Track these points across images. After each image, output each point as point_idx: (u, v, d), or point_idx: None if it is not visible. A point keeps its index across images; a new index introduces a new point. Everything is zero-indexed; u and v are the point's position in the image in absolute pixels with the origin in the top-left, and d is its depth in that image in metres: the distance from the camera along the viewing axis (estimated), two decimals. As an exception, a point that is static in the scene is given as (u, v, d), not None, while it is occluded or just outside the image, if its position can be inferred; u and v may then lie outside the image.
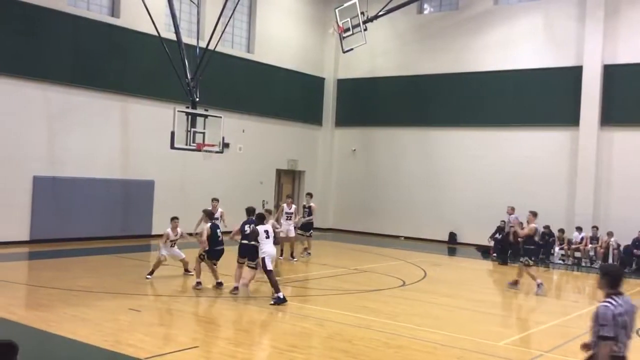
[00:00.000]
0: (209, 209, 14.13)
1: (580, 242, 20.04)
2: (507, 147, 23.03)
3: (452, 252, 22.85)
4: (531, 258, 14.39)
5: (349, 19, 22.97)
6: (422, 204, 24.78)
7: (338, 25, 23.16)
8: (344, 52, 23.97)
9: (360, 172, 26.74)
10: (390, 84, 25.85)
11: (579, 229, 20.25)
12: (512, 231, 18.09)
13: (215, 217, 14.13)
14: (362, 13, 22.73)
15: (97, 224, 18.90)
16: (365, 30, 23.03)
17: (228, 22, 20.06)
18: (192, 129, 17.64)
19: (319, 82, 27.37)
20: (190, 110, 17.91)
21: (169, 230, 13.45)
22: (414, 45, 25.45)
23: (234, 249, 12.64)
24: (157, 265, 13.28)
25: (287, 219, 17.13)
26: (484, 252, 21.12)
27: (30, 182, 17.59)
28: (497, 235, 20.88)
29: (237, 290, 12.02)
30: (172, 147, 17.27)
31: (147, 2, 17.64)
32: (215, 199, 15.62)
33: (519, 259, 14.91)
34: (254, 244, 11.60)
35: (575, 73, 21.55)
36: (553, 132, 22.25)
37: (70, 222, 18.34)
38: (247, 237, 11.91)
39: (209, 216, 13.26)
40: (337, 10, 23.25)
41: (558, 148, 22.04)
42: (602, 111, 21.13)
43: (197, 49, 18.82)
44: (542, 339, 10.19)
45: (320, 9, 26.92)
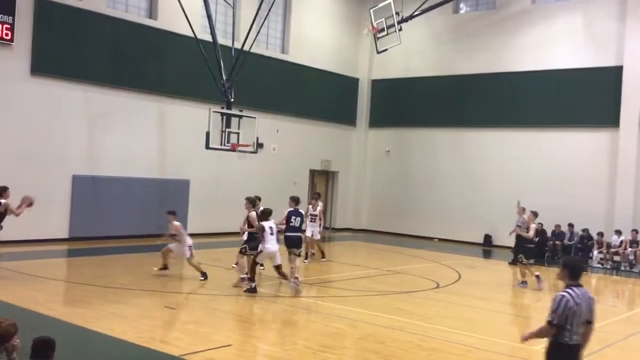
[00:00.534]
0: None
1: (619, 246, 19.60)
2: (544, 148, 22.65)
3: (487, 254, 22.58)
4: (528, 257, 14.88)
5: (383, 19, 22.90)
6: (456, 206, 24.54)
7: (372, 26, 23.11)
8: (379, 53, 23.92)
9: (394, 172, 26.62)
10: (425, 84, 25.67)
11: (619, 232, 19.80)
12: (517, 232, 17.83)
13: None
14: (397, 13, 22.63)
15: (134, 222, 19.18)
16: (400, 30, 22.92)
17: (263, 23, 20.18)
18: (227, 129, 17.82)
19: (353, 82, 27.34)
20: (225, 111, 18.09)
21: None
22: (450, 45, 25.22)
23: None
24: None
25: (311, 221, 16.55)
26: (520, 255, 20.78)
27: (69, 181, 17.99)
28: (534, 238, 20.53)
29: (298, 281, 12.58)
30: (207, 147, 17.47)
31: (184, 4, 17.88)
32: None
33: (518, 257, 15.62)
34: (300, 235, 13.36)
35: (615, 73, 21.09)
36: (592, 134, 21.81)
37: (108, 221, 18.68)
38: (294, 228, 13.15)
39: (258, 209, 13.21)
40: (371, 11, 23.20)
41: (597, 150, 21.59)
42: (643, 112, 20.65)
43: (233, 50, 18.99)
44: (579, 344, 9.99)
45: (355, 9, 26.89)
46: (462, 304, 12.48)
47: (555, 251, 20.71)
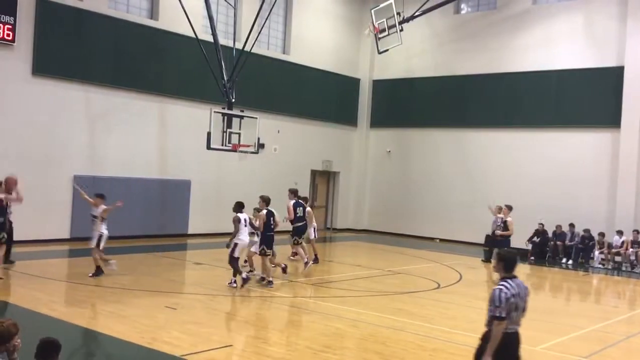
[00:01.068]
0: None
1: (620, 246, 19.59)
2: (546, 148, 22.62)
3: (488, 254, 22.49)
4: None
5: (384, 20, 22.92)
6: (458, 206, 24.51)
7: (374, 26, 23.12)
8: (380, 53, 23.93)
9: (395, 173, 26.61)
10: (427, 84, 25.66)
11: (620, 232, 19.79)
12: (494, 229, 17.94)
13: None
14: (398, 14, 22.65)
15: (135, 222, 19.17)
16: (401, 30, 22.93)
17: (264, 23, 20.18)
18: (228, 130, 17.82)
19: (354, 82, 27.34)
20: (226, 111, 18.10)
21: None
22: (451, 45, 25.22)
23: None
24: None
25: None
26: (522, 255, 20.75)
27: (71, 181, 17.98)
28: (535, 239, 20.56)
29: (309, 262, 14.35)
30: (209, 147, 17.49)
31: (185, 4, 17.88)
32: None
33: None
34: (306, 224, 14.72)
35: (616, 73, 21.07)
36: (593, 134, 21.79)
37: (109, 221, 18.60)
38: (300, 218, 14.47)
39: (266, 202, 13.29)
40: (372, 11, 23.21)
41: (598, 150, 21.57)
42: (644, 112, 20.63)
43: (234, 51, 19.00)
44: (580, 344, 10.00)
45: (356, 9, 26.90)
46: (463, 304, 12.49)
47: (556, 251, 20.70)
